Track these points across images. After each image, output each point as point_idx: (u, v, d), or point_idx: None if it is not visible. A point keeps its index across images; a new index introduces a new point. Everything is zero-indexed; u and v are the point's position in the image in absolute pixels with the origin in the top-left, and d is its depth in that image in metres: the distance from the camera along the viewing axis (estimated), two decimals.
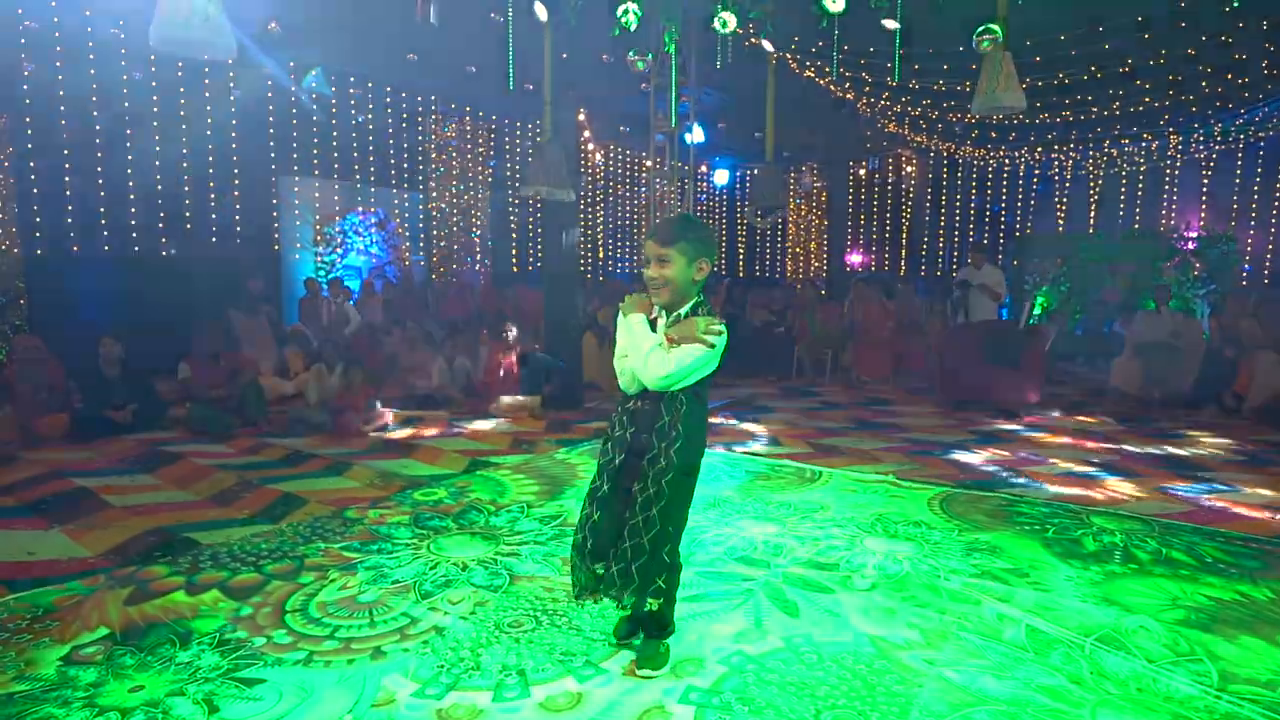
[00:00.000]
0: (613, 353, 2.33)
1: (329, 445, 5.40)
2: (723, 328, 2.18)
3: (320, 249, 10.35)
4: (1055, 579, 2.98)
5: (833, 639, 2.47)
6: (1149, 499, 4.14)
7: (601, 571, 2.23)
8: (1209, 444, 5.57)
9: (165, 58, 8.05)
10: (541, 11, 5.62)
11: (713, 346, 2.14)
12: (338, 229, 10.48)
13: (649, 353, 2.15)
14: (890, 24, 5.60)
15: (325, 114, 10.25)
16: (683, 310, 2.23)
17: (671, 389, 2.16)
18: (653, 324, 2.25)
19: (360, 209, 10.78)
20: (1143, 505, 4.01)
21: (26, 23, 7.41)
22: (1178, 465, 4.92)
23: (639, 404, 2.25)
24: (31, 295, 7.85)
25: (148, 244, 8.83)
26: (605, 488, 2.25)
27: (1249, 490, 4.33)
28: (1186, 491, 4.30)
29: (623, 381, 2.29)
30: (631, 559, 2.17)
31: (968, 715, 2.04)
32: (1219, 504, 4.06)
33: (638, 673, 2.25)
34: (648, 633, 2.33)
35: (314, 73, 5.78)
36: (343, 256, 10.57)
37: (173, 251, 8.93)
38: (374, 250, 10.94)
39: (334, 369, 6.51)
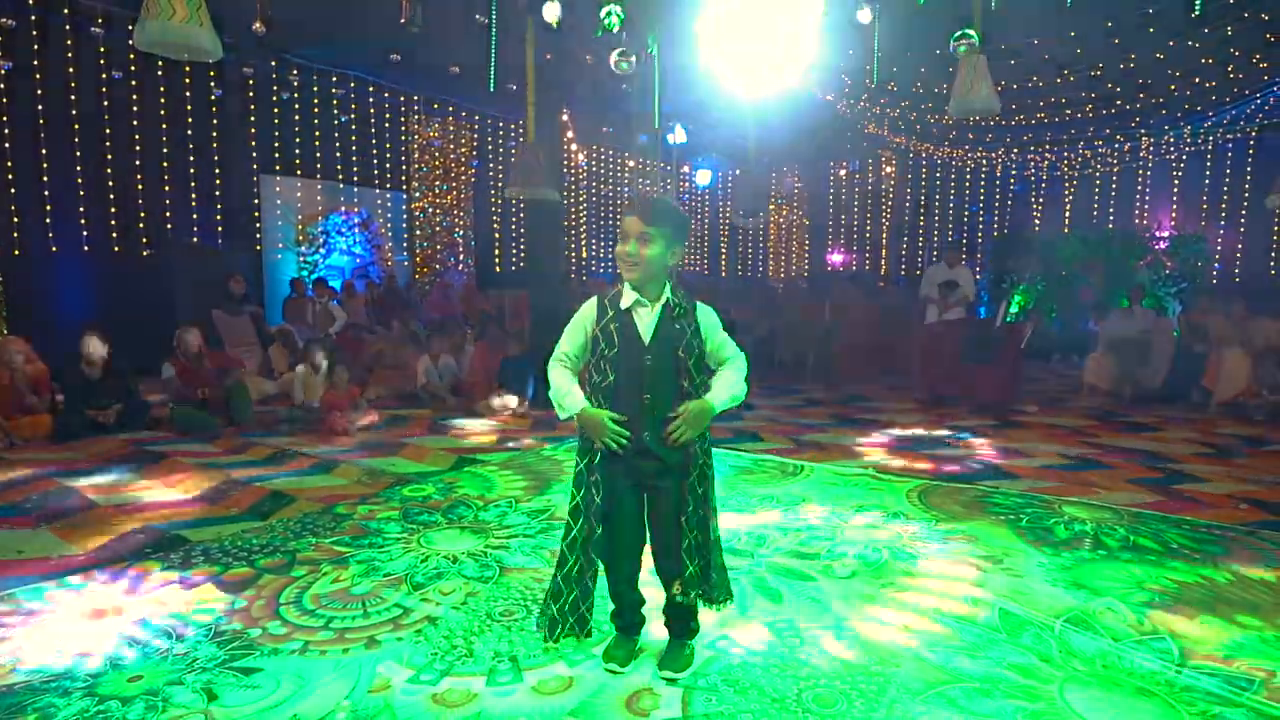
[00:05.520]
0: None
1: (315, 444, 5.42)
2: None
3: (303, 249, 10.32)
4: (1027, 565, 3.09)
5: (814, 623, 2.56)
6: (1119, 490, 4.28)
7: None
8: (1177, 437, 5.74)
9: (145, 55, 8.01)
10: (550, 13, 5.67)
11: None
12: (320, 229, 10.46)
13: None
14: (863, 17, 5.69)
15: (307, 113, 10.23)
16: (665, 292, 2.13)
17: None
18: (619, 309, 2.13)
19: (343, 209, 10.77)
20: (1113, 495, 4.14)
21: (3, 20, 7.35)
22: (1147, 457, 5.08)
23: None
24: (10, 295, 7.78)
25: (128, 243, 8.77)
26: None
27: (1214, 480, 4.48)
28: (1155, 482, 4.44)
29: None
30: None
31: (943, 692, 2.13)
32: (1186, 494, 4.20)
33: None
34: None
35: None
36: (325, 256, 10.56)
37: (154, 251, 8.88)
38: (357, 250, 10.93)
39: (319, 368, 6.53)
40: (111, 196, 8.59)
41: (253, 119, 9.64)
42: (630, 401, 2.12)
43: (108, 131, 8.49)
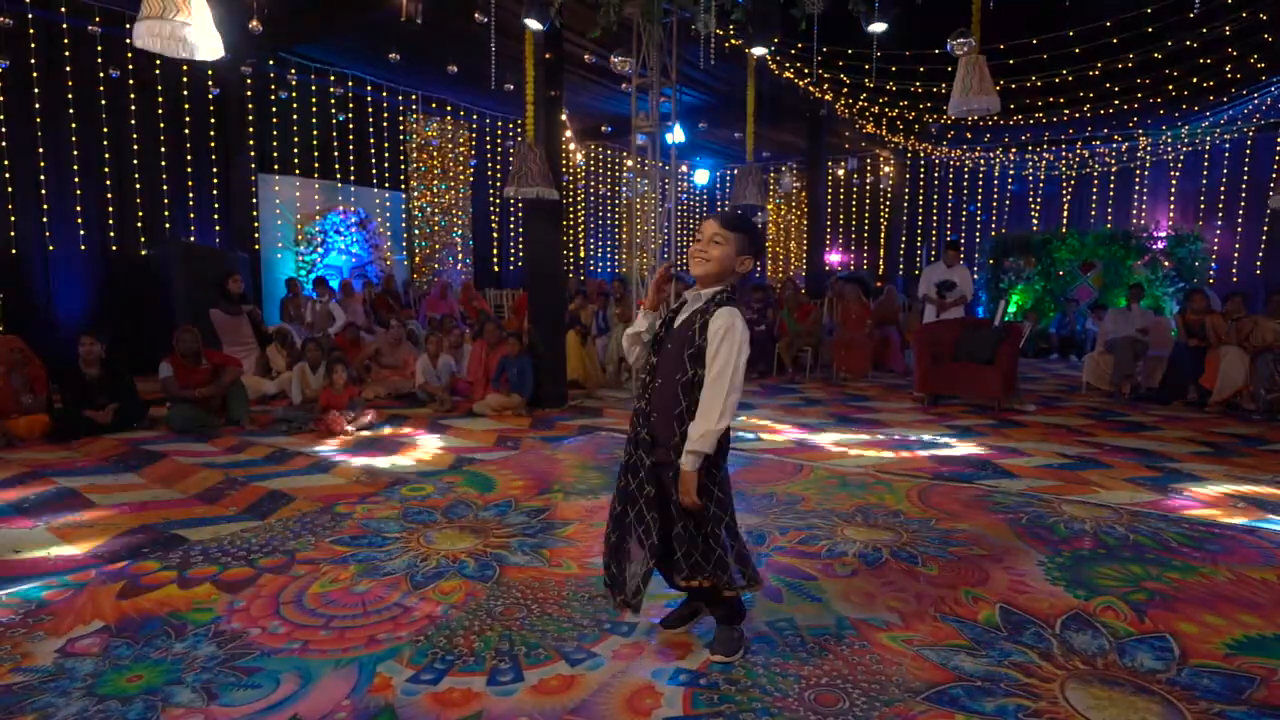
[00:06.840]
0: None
1: (313, 443, 5.41)
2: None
3: (301, 248, 10.31)
4: (1027, 563, 3.09)
5: (815, 622, 2.56)
6: (1118, 488, 4.28)
7: None
8: (1175, 436, 5.75)
9: (143, 54, 7.99)
10: (534, 24, 5.70)
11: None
12: (318, 228, 10.44)
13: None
14: (876, 28, 5.73)
15: (305, 112, 10.21)
16: (704, 294, 2.19)
17: None
18: (680, 303, 2.27)
19: (341, 208, 10.75)
20: (1112, 494, 4.14)
21: (1, 18, 7.31)
22: (1146, 456, 5.08)
23: None
24: (8, 294, 7.76)
25: (126, 242, 8.75)
26: None
27: (1212, 479, 4.49)
28: (1154, 481, 4.45)
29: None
30: None
31: (944, 691, 2.13)
32: (1184, 492, 4.21)
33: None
34: None
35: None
36: (324, 256, 10.54)
37: (151, 250, 8.86)
38: (355, 250, 10.91)
39: (317, 368, 6.52)
40: (109, 195, 8.57)
41: (251, 118, 9.62)
42: (646, 386, 2.27)
43: (105, 130, 8.47)
